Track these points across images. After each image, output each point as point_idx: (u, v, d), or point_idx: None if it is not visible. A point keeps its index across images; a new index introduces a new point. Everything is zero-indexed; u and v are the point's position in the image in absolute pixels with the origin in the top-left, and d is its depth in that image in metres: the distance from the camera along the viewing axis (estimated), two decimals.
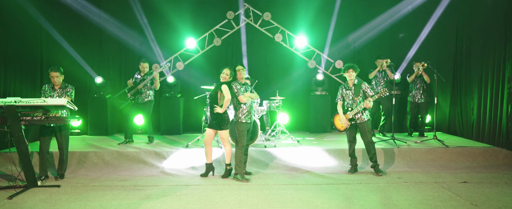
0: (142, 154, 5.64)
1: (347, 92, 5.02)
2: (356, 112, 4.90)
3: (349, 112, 4.96)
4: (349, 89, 5.01)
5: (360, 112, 4.90)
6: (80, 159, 5.53)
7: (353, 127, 5.02)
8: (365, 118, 4.94)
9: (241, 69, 4.85)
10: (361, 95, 4.93)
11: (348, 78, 4.97)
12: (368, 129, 4.95)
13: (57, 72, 4.78)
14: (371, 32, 7.73)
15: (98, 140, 6.75)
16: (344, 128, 5.05)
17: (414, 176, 4.86)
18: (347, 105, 5.02)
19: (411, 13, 7.57)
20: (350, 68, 4.93)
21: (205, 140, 4.89)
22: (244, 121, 4.80)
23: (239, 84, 4.81)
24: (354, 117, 4.93)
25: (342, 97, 5.08)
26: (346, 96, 5.02)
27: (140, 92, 6.21)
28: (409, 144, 6.01)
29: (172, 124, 7.45)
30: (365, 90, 4.93)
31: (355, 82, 4.98)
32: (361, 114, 4.92)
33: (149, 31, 7.84)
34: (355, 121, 4.95)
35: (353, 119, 4.95)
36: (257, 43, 8.02)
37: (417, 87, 6.73)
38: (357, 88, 4.94)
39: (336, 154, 5.68)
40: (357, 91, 4.93)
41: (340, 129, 5.11)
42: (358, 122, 4.94)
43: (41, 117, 4.14)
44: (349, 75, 4.94)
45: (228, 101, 4.68)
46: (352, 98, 4.96)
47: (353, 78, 4.96)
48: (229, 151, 4.88)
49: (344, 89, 5.05)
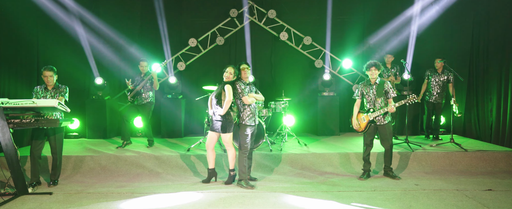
0: (141, 158, 5.34)
1: (368, 90, 4.68)
2: (378, 114, 4.57)
3: (370, 113, 4.63)
4: (370, 87, 4.67)
5: (382, 115, 4.59)
6: (76, 164, 5.24)
7: (373, 129, 4.68)
8: (385, 120, 4.62)
9: (245, 68, 4.54)
10: (384, 96, 4.60)
11: (370, 77, 4.65)
12: (390, 131, 4.64)
13: (50, 71, 4.50)
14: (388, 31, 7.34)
15: (96, 143, 6.46)
16: (362, 129, 4.71)
17: (432, 183, 4.51)
18: (367, 104, 4.68)
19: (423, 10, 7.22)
20: (373, 66, 4.60)
21: (207, 143, 4.58)
22: (249, 123, 4.48)
23: (244, 84, 4.50)
24: (375, 119, 4.60)
25: (361, 95, 4.74)
26: (367, 95, 4.69)
27: (140, 93, 5.92)
28: (424, 147, 5.65)
29: (173, 127, 7.15)
30: (388, 90, 4.59)
31: (377, 81, 4.64)
32: (384, 116, 4.61)
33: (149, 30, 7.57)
34: (375, 123, 4.61)
35: (373, 120, 4.62)
36: (262, 42, 7.72)
37: (434, 86, 6.36)
38: (380, 88, 4.60)
39: (346, 158, 5.34)
40: (379, 91, 4.60)
41: (359, 130, 4.77)
42: (378, 124, 4.61)
43: (30, 119, 3.85)
44: (372, 73, 4.61)
45: (229, 102, 4.36)
46: (373, 97, 4.64)
47: (376, 77, 4.63)
48: (233, 155, 4.56)
49: (365, 86, 4.71)
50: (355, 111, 4.77)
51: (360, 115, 4.73)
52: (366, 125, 4.65)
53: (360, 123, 4.72)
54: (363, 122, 4.68)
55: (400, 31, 7.28)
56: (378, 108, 4.58)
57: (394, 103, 4.53)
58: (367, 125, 4.65)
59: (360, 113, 4.74)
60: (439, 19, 7.09)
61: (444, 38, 7.26)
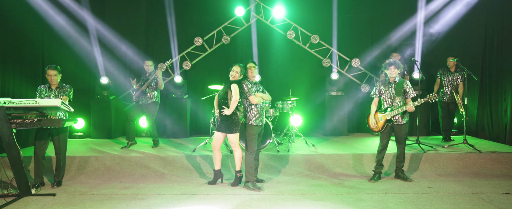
0: (146, 159, 5.25)
1: (386, 89, 4.54)
2: (396, 113, 4.43)
3: (388, 112, 4.49)
4: (389, 86, 4.53)
5: (400, 114, 4.45)
6: (81, 164, 5.17)
7: (389, 129, 4.54)
8: (403, 121, 4.48)
9: (252, 66, 4.43)
10: (402, 95, 4.46)
11: (390, 76, 4.51)
12: (406, 132, 4.51)
13: (54, 70, 4.43)
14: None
15: (100, 143, 6.39)
16: (379, 129, 4.57)
17: (446, 186, 4.35)
18: (385, 103, 4.55)
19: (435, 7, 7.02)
20: (392, 65, 4.45)
21: (214, 144, 4.47)
22: (255, 123, 4.36)
23: (250, 84, 4.38)
24: (393, 118, 4.46)
25: (379, 94, 4.60)
26: (385, 94, 4.55)
27: (145, 93, 5.84)
28: (436, 148, 5.48)
29: (178, 127, 7.05)
30: (408, 90, 4.45)
31: (396, 79, 4.50)
32: (402, 116, 4.47)
33: (154, 29, 7.49)
34: (392, 122, 4.48)
35: (390, 120, 4.48)
36: (268, 41, 7.59)
37: (447, 86, 6.18)
38: (399, 87, 4.46)
39: (356, 159, 5.19)
40: (398, 90, 4.46)
41: (375, 130, 4.63)
42: (395, 124, 4.47)
43: (33, 119, 3.77)
44: (391, 72, 4.47)
45: (236, 102, 4.25)
46: (392, 97, 4.50)
47: (395, 76, 4.49)
48: (240, 156, 4.45)
49: (384, 85, 4.57)
50: (373, 110, 4.64)
51: (377, 114, 4.59)
52: (383, 124, 4.52)
53: (377, 122, 4.58)
54: (380, 121, 4.55)
55: (409, 29, 7.10)
56: (396, 107, 4.44)
57: (413, 103, 4.39)
58: (384, 124, 4.51)
59: (377, 112, 4.61)
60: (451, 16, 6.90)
61: (456, 35, 7.07)
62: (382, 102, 4.58)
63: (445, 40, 7.07)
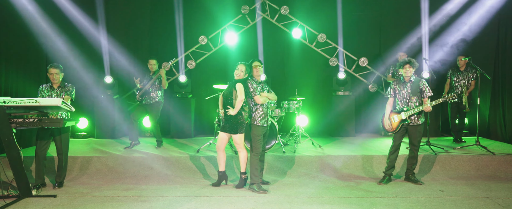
0: (149, 159, 5.15)
1: (402, 88, 4.39)
2: (412, 113, 4.28)
3: (403, 112, 4.33)
4: (404, 85, 4.38)
5: (416, 114, 4.30)
6: (83, 165, 5.08)
7: (403, 130, 4.39)
8: (419, 121, 4.33)
9: (258, 65, 4.30)
10: (418, 95, 4.31)
11: (405, 75, 4.36)
12: (420, 133, 4.35)
13: (56, 69, 4.35)
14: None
15: (103, 143, 6.31)
16: (394, 129, 4.42)
17: (459, 189, 4.18)
18: (400, 103, 4.40)
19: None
20: (407, 63, 4.31)
21: (218, 145, 4.35)
22: (260, 124, 4.24)
23: (256, 83, 4.26)
24: (408, 118, 4.31)
25: (394, 94, 4.46)
26: (400, 94, 4.40)
27: (148, 92, 5.74)
28: (447, 150, 5.30)
29: (182, 127, 6.95)
30: (424, 89, 4.30)
31: (412, 78, 4.35)
32: (418, 116, 4.32)
33: (159, 27, 7.40)
34: (407, 122, 4.33)
35: (406, 120, 4.33)
36: (274, 40, 7.46)
37: (457, 86, 6.00)
38: (415, 86, 4.31)
39: (364, 161, 5.04)
40: (414, 89, 4.31)
41: (390, 130, 4.47)
42: (410, 124, 4.33)
43: (33, 119, 3.69)
44: (406, 71, 4.32)
45: (241, 102, 4.13)
46: (407, 96, 4.35)
47: (410, 75, 4.34)
48: (245, 157, 4.33)
49: (398, 84, 4.43)
50: (388, 110, 4.49)
51: (392, 114, 4.45)
52: (398, 124, 4.37)
53: (392, 122, 4.43)
54: (395, 121, 4.40)
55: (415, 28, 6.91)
56: (412, 107, 4.28)
57: (430, 102, 4.24)
58: (398, 125, 4.37)
59: (392, 112, 4.46)
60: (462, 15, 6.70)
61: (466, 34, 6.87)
62: (397, 102, 4.43)
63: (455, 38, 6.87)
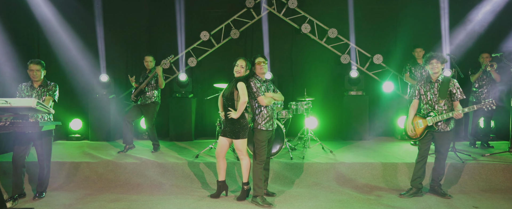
0: (143, 165, 4.68)
1: (427, 89, 3.79)
2: (439, 120, 3.69)
3: (429, 117, 3.75)
4: (431, 85, 3.78)
5: (444, 120, 3.72)
6: (70, 171, 4.63)
7: (429, 136, 3.81)
8: (448, 128, 3.75)
9: (262, 62, 3.79)
10: (448, 97, 3.71)
11: (431, 72, 3.75)
12: (449, 141, 3.78)
13: (37, 65, 3.90)
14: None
15: (97, 146, 5.86)
16: (418, 136, 3.85)
17: (495, 205, 3.62)
18: (425, 106, 3.81)
19: None
20: (434, 58, 3.69)
21: (217, 151, 3.85)
22: (264, 128, 3.73)
23: (259, 82, 3.75)
24: (435, 125, 3.74)
25: (418, 95, 3.87)
26: (425, 95, 3.81)
27: (144, 92, 5.28)
28: (476, 157, 4.73)
29: (182, 129, 6.47)
30: (454, 91, 3.69)
31: (440, 77, 3.75)
32: (446, 122, 3.74)
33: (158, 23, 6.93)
34: (433, 129, 3.74)
35: (432, 127, 3.75)
36: (281, 36, 6.94)
37: (482, 86, 5.40)
38: (443, 87, 3.70)
39: (382, 170, 4.50)
40: (442, 90, 3.69)
41: (413, 137, 3.90)
42: (437, 131, 3.75)
43: (5, 122, 3.23)
44: (433, 67, 3.71)
45: (245, 104, 3.63)
46: (434, 99, 3.75)
47: (439, 72, 3.74)
48: (247, 165, 3.82)
49: (424, 84, 3.84)
50: (411, 114, 3.90)
51: (417, 119, 3.86)
52: (423, 130, 3.79)
53: (416, 128, 3.85)
54: (420, 127, 3.82)
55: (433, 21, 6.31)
56: (441, 111, 3.71)
57: (461, 108, 3.64)
58: (424, 131, 3.79)
59: (416, 116, 3.88)
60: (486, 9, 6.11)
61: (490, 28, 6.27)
62: (422, 105, 3.85)
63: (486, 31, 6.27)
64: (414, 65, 5.78)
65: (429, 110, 3.76)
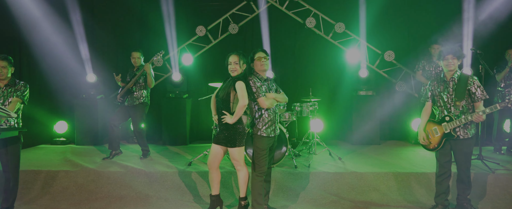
0: (128, 175, 4.15)
1: (441, 89, 3.24)
2: (458, 125, 3.13)
3: (446, 122, 3.19)
4: (445, 85, 3.23)
5: (462, 125, 3.16)
6: (46, 182, 4.11)
7: (448, 146, 3.25)
8: (469, 134, 3.18)
9: (262, 57, 3.25)
10: (467, 98, 3.16)
11: (447, 69, 3.18)
12: (470, 149, 3.20)
13: (4, 61, 3.38)
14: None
15: (81, 152, 5.34)
16: (434, 146, 3.28)
17: None
18: (439, 110, 3.26)
19: None
20: (449, 53, 3.12)
21: (210, 161, 3.32)
22: (266, 134, 3.20)
23: (259, 81, 3.22)
24: (453, 131, 3.17)
25: (431, 97, 3.32)
26: (439, 96, 3.25)
27: (131, 92, 4.75)
28: (505, 166, 4.17)
29: (176, 132, 5.95)
30: (474, 90, 3.13)
31: (456, 75, 3.20)
32: (466, 127, 3.17)
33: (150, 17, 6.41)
34: (452, 137, 3.18)
35: (450, 134, 3.19)
36: (284, 31, 6.41)
37: (509, 85, 4.84)
38: (460, 86, 3.13)
39: (399, 181, 3.96)
40: (459, 90, 3.13)
41: (429, 147, 3.32)
42: (456, 139, 3.17)
43: None
44: (448, 64, 3.15)
45: (244, 108, 3.09)
46: (450, 100, 3.20)
47: (455, 69, 3.19)
48: (245, 178, 3.28)
49: (438, 84, 3.29)
50: (423, 120, 3.34)
51: (431, 125, 3.30)
52: (440, 139, 3.22)
53: (431, 136, 3.29)
54: (436, 135, 3.25)
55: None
56: (458, 115, 3.14)
57: (483, 109, 3.09)
58: (441, 140, 3.22)
59: (430, 122, 3.32)
60: None
61: None
62: (436, 109, 3.31)
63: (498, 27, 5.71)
64: (428, 63, 5.25)
65: (444, 114, 3.20)
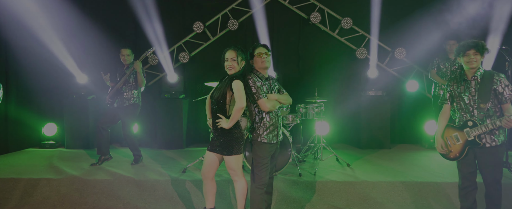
0: (116, 184, 3.78)
1: (462, 90, 2.82)
2: (483, 131, 2.70)
3: (469, 128, 2.78)
4: (467, 84, 2.81)
5: (489, 131, 2.73)
6: (26, 191, 3.74)
7: (471, 155, 2.82)
8: (497, 140, 2.74)
9: (263, 53, 2.87)
10: (493, 99, 2.74)
11: (468, 66, 2.76)
12: (499, 159, 2.75)
13: None
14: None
15: (70, 156, 4.97)
16: (456, 155, 2.86)
17: None
18: (460, 113, 2.83)
19: None
20: (472, 48, 2.70)
21: (204, 171, 2.94)
22: (267, 140, 2.81)
23: (260, 79, 2.83)
24: (477, 138, 2.75)
25: (450, 99, 2.91)
26: (459, 98, 2.83)
27: (121, 92, 4.38)
28: None
29: (171, 135, 5.57)
30: (501, 90, 2.70)
31: (479, 73, 2.78)
32: (493, 133, 2.75)
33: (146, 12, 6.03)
34: (476, 145, 2.76)
35: (475, 141, 2.77)
36: (286, 27, 6.02)
37: None
38: (485, 85, 2.71)
39: (415, 191, 3.56)
40: (483, 90, 2.71)
41: (449, 156, 2.89)
42: (480, 147, 2.74)
43: None
44: (470, 61, 2.72)
45: (241, 111, 2.71)
46: (472, 102, 2.77)
47: (477, 67, 2.77)
48: (243, 190, 2.89)
49: (457, 83, 2.87)
50: (441, 125, 2.91)
51: (450, 131, 2.87)
52: (462, 148, 2.81)
53: (451, 144, 2.86)
54: (457, 142, 2.82)
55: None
56: (482, 119, 2.73)
57: None
58: (463, 149, 2.81)
59: (449, 128, 2.91)
60: None
61: None
62: (456, 111, 2.89)
63: None
64: (443, 61, 4.84)
65: (466, 118, 2.78)
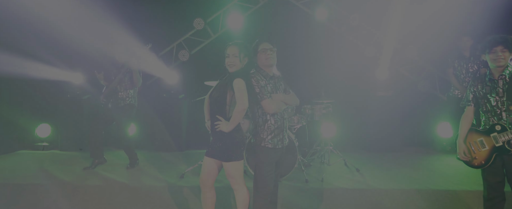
0: (108, 190, 3.53)
1: (488, 90, 2.53)
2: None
3: (497, 132, 2.48)
4: (494, 84, 2.52)
5: None
6: (11, 198, 3.50)
7: (499, 162, 2.53)
8: None
9: (268, 49, 2.62)
10: None
11: (494, 64, 2.49)
12: None
13: None
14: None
15: (63, 159, 4.73)
16: (481, 162, 2.57)
17: None
18: (486, 116, 2.55)
19: None
20: (499, 44, 2.43)
21: (202, 178, 2.67)
22: (271, 145, 2.55)
23: (264, 78, 2.57)
24: (507, 144, 2.46)
25: (474, 100, 2.63)
26: (485, 100, 2.55)
27: (115, 92, 4.12)
28: None
29: (170, 137, 5.31)
30: None
31: (507, 72, 2.50)
32: None
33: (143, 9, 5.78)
34: (506, 152, 2.45)
35: (504, 148, 2.48)
36: (291, 24, 5.77)
37: None
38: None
39: (432, 199, 3.28)
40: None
41: (473, 163, 2.60)
42: (509, 154, 2.45)
43: None
44: (497, 58, 2.46)
45: (243, 112, 2.44)
46: (500, 104, 2.48)
47: (505, 65, 2.49)
48: (245, 200, 2.63)
49: (482, 83, 2.58)
50: (464, 129, 2.63)
51: (475, 136, 2.59)
52: (489, 154, 2.52)
53: (476, 150, 2.57)
54: (482, 149, 2.54)
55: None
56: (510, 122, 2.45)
57: None
58: (490, 155, 2.52)
59: (473, 132, 2.62)
60: None
61: None
62: (482, 114, 2.61)
63: None
64: (458, 59, 4.56)
65: (493, 122, 2.49)
